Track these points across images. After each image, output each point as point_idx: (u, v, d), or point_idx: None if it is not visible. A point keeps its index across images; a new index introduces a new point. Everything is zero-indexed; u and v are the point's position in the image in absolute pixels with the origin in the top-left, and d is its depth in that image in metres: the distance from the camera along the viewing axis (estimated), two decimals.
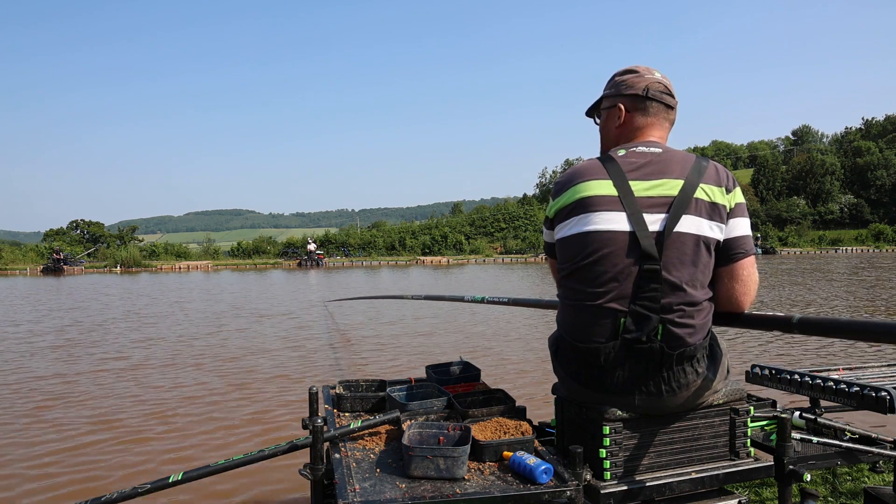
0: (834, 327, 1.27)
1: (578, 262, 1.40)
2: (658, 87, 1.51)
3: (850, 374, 2.13)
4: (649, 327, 1.32)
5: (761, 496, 2.53)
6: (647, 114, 1.51)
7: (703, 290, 1.38)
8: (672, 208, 1.35)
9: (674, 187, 1.37)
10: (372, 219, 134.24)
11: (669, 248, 1.34)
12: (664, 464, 1.40)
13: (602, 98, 1.61)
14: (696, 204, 1.36)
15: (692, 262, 1.35)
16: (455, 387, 1.95)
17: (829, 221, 50.81)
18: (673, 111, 1.55)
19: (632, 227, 1.34)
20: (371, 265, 31.59)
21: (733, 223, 1.41)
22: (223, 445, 3.63)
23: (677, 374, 1.34)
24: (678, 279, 1.34)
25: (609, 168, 1.41)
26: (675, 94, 1.54)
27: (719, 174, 1.41)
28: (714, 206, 1.38)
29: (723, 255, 1.41)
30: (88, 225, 41.59)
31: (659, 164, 1.41)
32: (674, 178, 1.38)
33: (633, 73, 1.54)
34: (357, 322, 9.09)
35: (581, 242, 1.39)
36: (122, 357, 6.47)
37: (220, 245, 40.44)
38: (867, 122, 68.40)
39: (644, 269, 1.32)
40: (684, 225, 1.34)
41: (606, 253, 1.35)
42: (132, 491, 1.46)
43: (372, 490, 1.21)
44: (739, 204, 1.42)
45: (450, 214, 62.14)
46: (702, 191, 1.37)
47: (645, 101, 1.50)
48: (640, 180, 1.38)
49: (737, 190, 1.43)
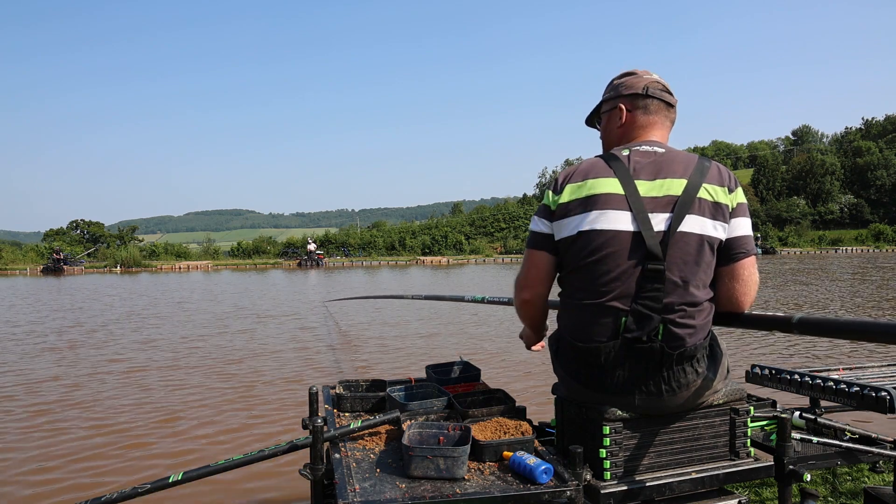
0: (834, 328, 1.26)
1: (582, 261, 1.39)
2: (657, 85, 1.52)
3: (850, 374, 2.13)
4: (650, 327, 1.32)
5: (761, 496, 2.53)
6: (648, 112, 1.52)
7: (704, 291, 1.38)
8: (676, 208, 1.35)
9: (677, 187, 1.37)
10: (372, 219, 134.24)
11: (673, 248, 1.34)
12: (664, 464, 1.40)
13: (601, 103, 1.62)
14: (699, 204, 1.36)
15: (695, 262, 1.35)
16: (455, 387, 1.95)
17: (829, 221, 50.81)
18: (673, 110, 1.55)
19: (637, 227, 1.34)
20: (371, 265, 31.59)
21: (735, 223, 1.41)
22: (223, 445, 3.63)
23: (677, 373, 1.34)
24: (681, 279, 1.34)
25: (614, 167, 1.41)
26: (673, 94, 1.55)
27: (722, 174, 1.42)
28: (717, 205, 1.38)
29: (724, 255, 1.41)
30: (88, 225, 41.58)
31: (662, 163, 1.41)
32: (677, 177, 1.38)
33: (632, 74, 1.56)
34: (357, 322, 9.09)
35: (586, 240, 1.38)
36: (122, 358, 6.47)
37: (220, 245, 40.43)
38: (867, 122, 68.42)
39: (647, 269, 1.33)
40: (688, 225, 1.35)
41: (610, 252, 1.35)
42: (132, 491, 1.46)
43: (372, 490, 1.21)
44: (741, 204, 1.43)
45: (450, 214, 62.14)
46: (705, 190, 1.37)
47: (645, 98, 1.51)
48: (644, 180, 1.39)
49: (739, 190, 1.43)
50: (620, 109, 1.54)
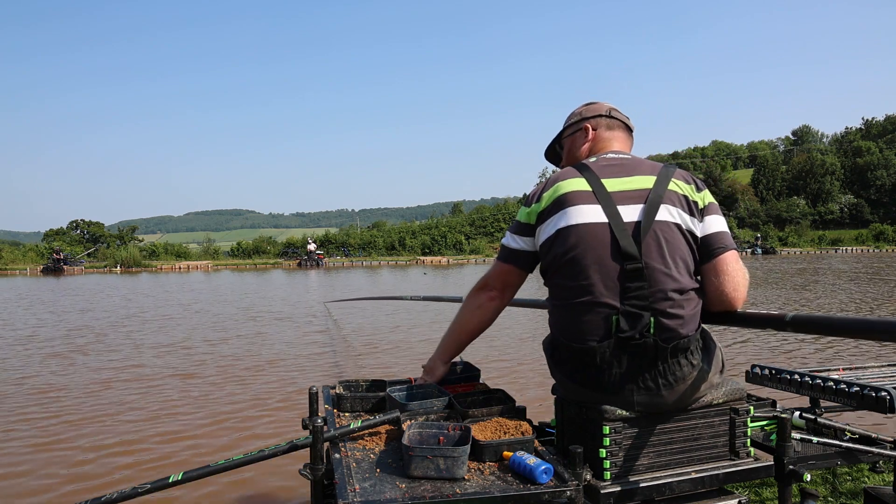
0: (827, 325, 1.27)
1: (563, 257, 1.42)
2: (617, 112, 1.66)
3: (850, 374, 2.12)
4: (641, 324, 1.34)
5: (761, 496, 2.53)
6: (612, 128, 1.64)
7: (689, 279, 1.40)
8: (649, 199, 1.40)
9: (647, 182, 1.43)
10: (372, 219, 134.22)
11: (651, 238, 1.37)
12: (664, 464, 1.40)
13: (562, 132, 1.74)
14: (670, 195, 1.41)
15: (676, 251, 1.38)
16: (455, 387, 1.94)
17: (829, 221, 50.81)
18: (631, 136, 1.68)
19: (608, 219, 1.38)
20: (371, 265, 31.59)
21: (709, 220, 1.44)
22: (223, 445, 3.63)
23: (672, 367, 1.36)
24: (664, 266, 1.36)
25: (582, 171, 1.48)
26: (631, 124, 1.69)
27: (688, 175, 1.48)
28: (688, 199, 1.43)
29: (704, 252, 1.44)
30: (88, 225, 41.58)
31: (629, 166, 1.48)
32: (646, 174, 1.45)
33: (592, 102, 1.70)
34: (357, 322, 9.09)
35: (563, 238, 1.42)
36: (123, 358, 6.48)
37: (220, 245, 40.41)
38: (867, 122, 68.42)
39: (627, 269, 1.35)
40: (664, 214, 1.39)
41: (587, 245, 1.38)
42: (132, 491, 1.46)
43: (372, 490, 1.21)
44: (712, 203, 1.47)
45: (450, 214, 62.12)
46: (674, 184, 1.43)
47: (609, 119, 1.64)
48: (612, 178, 1.45)
49: (706, 191, 1.48)
50: (586, 129, 1.65)
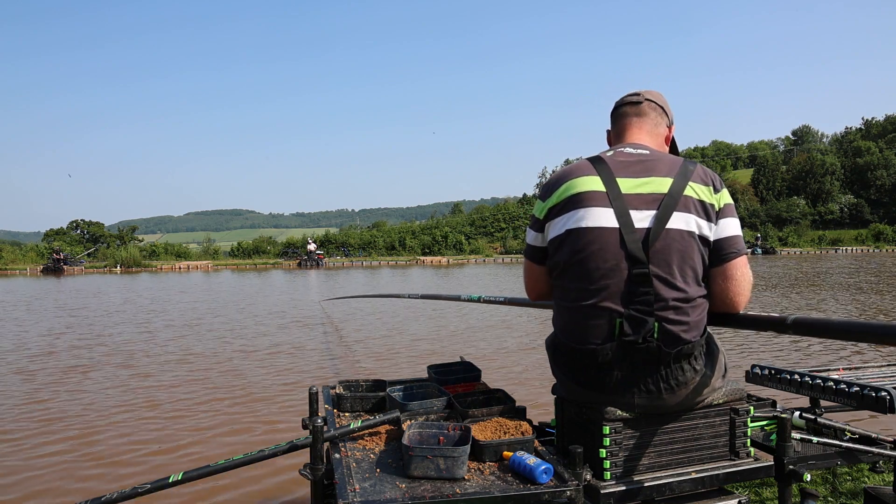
0: (828, 328, 1.27)
1: (570, 260, 1.41)
2: (650, 95, 1.61)
3: (850, 374, 2.12)
4: (645, 329, 1.33)
5: (761, 496, 2.53)
6: (639, 115, 1.58)
7: (696, 287, 1.38)
8: (662, 205, 1.36)
9: (662, 185, 1.39)
10: (372, 219, 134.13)
11: (661, 245, 1.34)
12: (664, 464, 1.40)
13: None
14: (685, 201, 1.37)
15: (685, 259, 1.36)
16: (455, 387, 1.95)
17: (828, 221, 50.76)
18: (664, 120, 1.61)
19: (619, 224, 1.36)
20: (371, 265, 31.58)
21: (723, 223, 1.41)
22: (223, 445, 3.63)
23: (675, 371, 1.35)
24: (671, 276, 1.34)
25: (597, 166, 1.44)
26: (667, 109, 1.62)
27: (706, 175, 1.44)
28: (703, 204, 1.39)
29: (715, 256, 1.42)
30: (88, 225, 41.54)
31: (646, 163, 1.43)
32: (662, 176, 1.40)
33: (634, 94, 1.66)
34: (357, 322, 9.09)
35: (572, 239, 1.40)
36: (122, 358, 6.47)
37: (220, 245, 40.37)
38: (867, 122, 68.37)
39: (634, 274, 1.33)
40: (676, 222, 1.35)
41: (596, 249, 1.36)
42: (132, 491, 1.46)
43: (372, 490, 1.21)
44: (728, 204, 1.43)
45: (450, 214, 62.08)
46: (691, 188, 1.38)
47: (637, 105, 1.59)
48: (627, 178, 1.41)
49: (724, 191, 1.44)
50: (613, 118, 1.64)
